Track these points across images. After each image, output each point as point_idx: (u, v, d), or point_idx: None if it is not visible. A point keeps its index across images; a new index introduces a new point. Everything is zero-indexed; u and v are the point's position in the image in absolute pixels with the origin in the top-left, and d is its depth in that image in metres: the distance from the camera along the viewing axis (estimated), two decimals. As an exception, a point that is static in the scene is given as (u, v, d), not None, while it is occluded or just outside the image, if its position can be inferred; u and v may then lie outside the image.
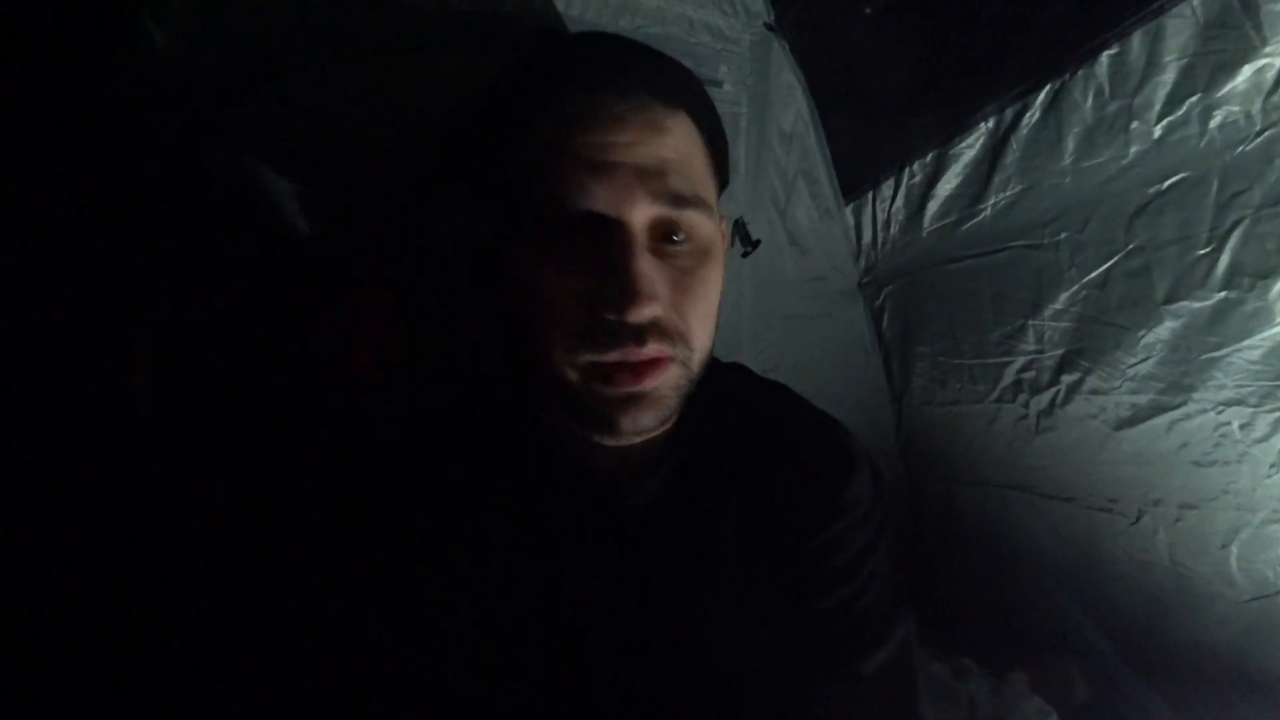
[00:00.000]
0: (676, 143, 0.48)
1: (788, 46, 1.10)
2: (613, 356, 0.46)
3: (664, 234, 0.48)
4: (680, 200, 0.47)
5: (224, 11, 0.77)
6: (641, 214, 0.46)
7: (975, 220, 1.05)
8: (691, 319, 0.49)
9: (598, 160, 0.45)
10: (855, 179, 1.18)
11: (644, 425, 0.48)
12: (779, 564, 0.58)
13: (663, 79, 0.50)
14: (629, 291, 0.44)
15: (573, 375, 0.47)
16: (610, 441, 0.50)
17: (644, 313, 0.44)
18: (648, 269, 0.45)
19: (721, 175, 0.56)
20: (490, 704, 0.53)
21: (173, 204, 0.76)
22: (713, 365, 0.62)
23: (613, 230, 0.45)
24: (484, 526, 0.55)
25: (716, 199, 0.55)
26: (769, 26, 1.09)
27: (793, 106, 1.15)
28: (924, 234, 1.13)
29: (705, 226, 0.49)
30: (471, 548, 0.54)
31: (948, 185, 1.07)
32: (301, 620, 0.56)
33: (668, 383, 0.48)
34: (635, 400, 0.47)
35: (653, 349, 0.46)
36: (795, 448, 0.61)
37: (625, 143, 0.46)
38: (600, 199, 0.45)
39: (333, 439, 0.78)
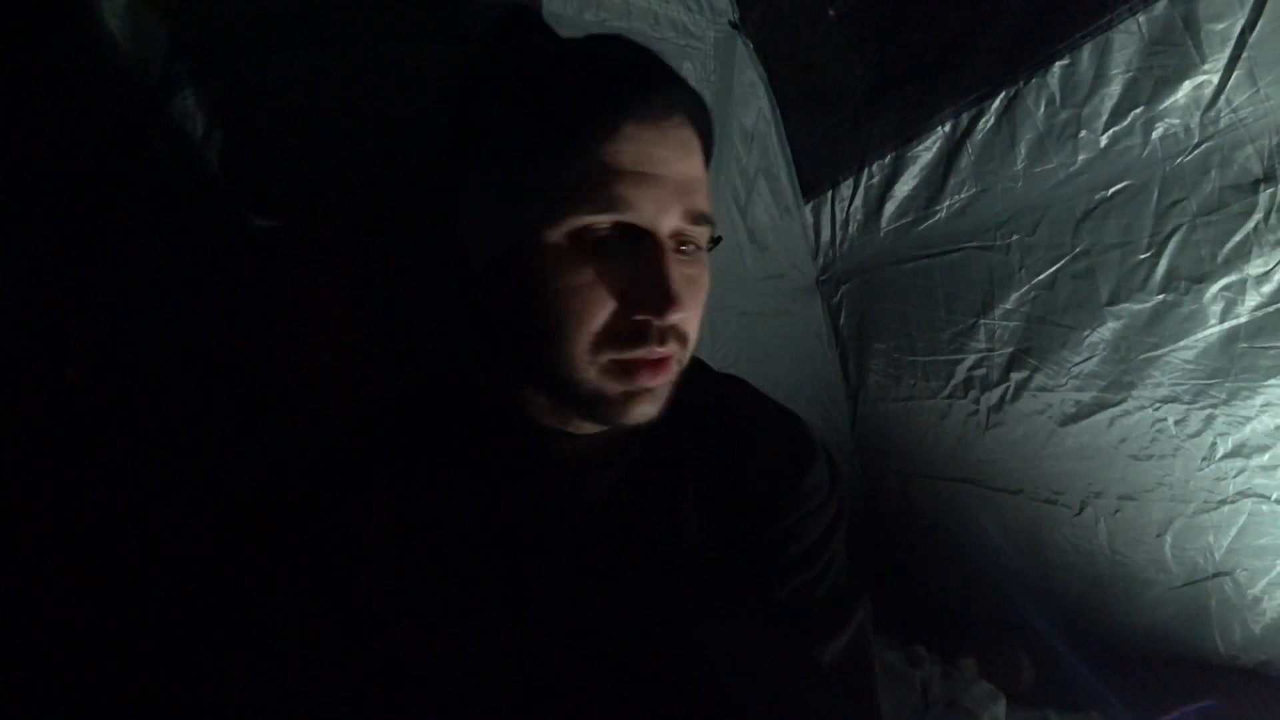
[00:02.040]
0: (698, 160, 0.52)
1: (751, 45, 1.11)
2: (636, 354, 0.49)
3: (679, 244, 0.51)
4: (700, 217, 0.51)
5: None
6: (671, 226, 0.49)
7: (930, 221, 1.08)
8: (692, 322, 0.52)
9: (643, 174, 0.48)
10: (815, 178, 1.20)
11: (647, 416, 0.52)
12: (738, 553, 0.59)
13: (691, 98, 0.53)
14: (668, 296, 0.48)
15: (591, 372, 0.50)
16: (609, 423, 0.53)
17: (676, 316, 0.48)
18: (678, 276, 0.49)
19: None
20: (450, 696, 0.54)
21: (115, 190, 0.72)
22: None
23: (649, 240, 0.48)
24: (443, 520, 0.56)
25: None
26: (733, 25, 1.09)
27: (754, 105, 1.16)
28: (881, 233, 1.15)
29: (706, 237, 0.53)
30: (431, 541, 0.55)
31: (905, 186, 1.09)
32: (256, 618, 0.57)
33: (668, 379, 0.52)
34: (644, 394, 0.51)
35: (667, 348, 0.50)
36: (753, 438, 0.63)
37: (665, 157, 0.49)
38: (643, 211, 0.48)
39: (288, 434, 0.76)
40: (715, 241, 0.95)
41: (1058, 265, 0.96)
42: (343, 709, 0.53)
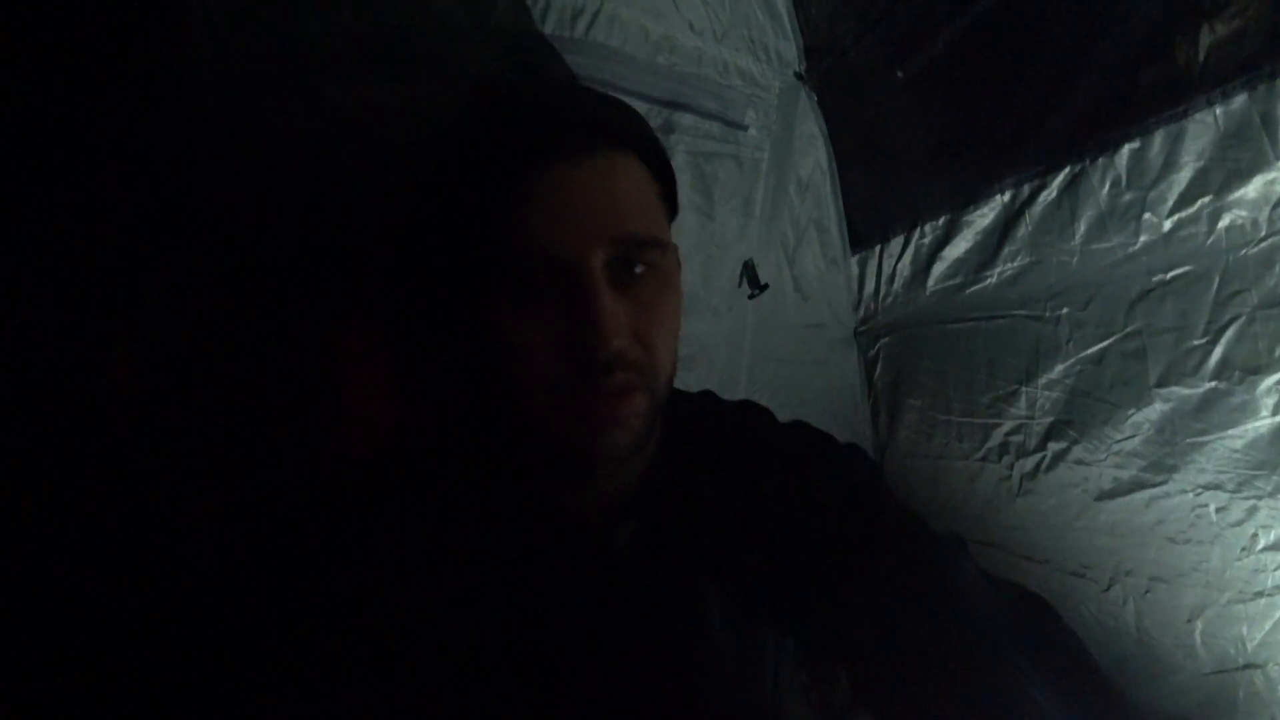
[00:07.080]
0: (630, 185, 0.51)
1: (815, 98, 1.12)
2: (584, 390, 0.49)
3: (624, 269, 0.50)
4: (637, 241, 0.50)
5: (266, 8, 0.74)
6: (600, 256, 0.48)
7: (980, 285, 1.09)
8: (655, 346, 0.51)
9: (558, 206, 0.48)
10: (865, 232, 1.21)
11: (618, 449, 0.51)
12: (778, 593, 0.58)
13: (615, 124, 0.52)
14: (596, 331, 0.47)
15: (547, 413, 0.50)
16: (584, 470, 0.53)
17: (611, 348, 0.47)
18: (611, 306, 0.48)
19: (672, 209, 0.59)
20: None
21: (176, 196, 0.72)
22: (680, 396, 0.63)
23: (576, 273, 0.48)
24: (463, 576, 0.54)
25: (669, 231, 0.58)
26: (799, 76, 1.11)
27: (812, 156, 1.17)
28: (927, 292, 1.16)
29: (662, 260, 0.53)
30: (450, 597, 0.53)
31: (957, 249, 1.10)
32: (273, 660, 0.54)
33: (636, 410, 0.51)
34: (607, 425, 0.50)
35: (620, 379, 0.49)
36: (813, 476, 0.62)
37: (583, 188, 0.48)
38: (563, 244, 0.47)
39: (317, 464, 0.75)
40: (762, 288, 0.97)
41: (1108, 342, 0.96)
42: None
